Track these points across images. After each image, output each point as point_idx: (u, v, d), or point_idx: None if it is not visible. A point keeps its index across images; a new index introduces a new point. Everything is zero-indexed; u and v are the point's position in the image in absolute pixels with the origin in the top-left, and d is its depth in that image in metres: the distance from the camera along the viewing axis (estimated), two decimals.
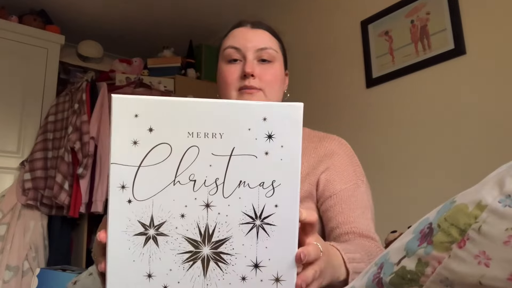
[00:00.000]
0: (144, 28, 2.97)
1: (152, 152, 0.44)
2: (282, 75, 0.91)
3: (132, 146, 0.44)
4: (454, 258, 0.41)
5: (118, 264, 0.44)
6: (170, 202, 0.44)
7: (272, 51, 0.88)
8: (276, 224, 0.45)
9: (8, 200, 2.16)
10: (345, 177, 0.85)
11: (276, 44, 0.92)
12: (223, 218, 0.45)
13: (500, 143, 1.48)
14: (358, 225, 0.79)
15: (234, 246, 0.45)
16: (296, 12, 2.51)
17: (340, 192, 0.83)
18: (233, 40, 0.89)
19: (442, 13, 1.71)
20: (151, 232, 0.44)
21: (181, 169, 0.44)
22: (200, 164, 0.44)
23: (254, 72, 0.84)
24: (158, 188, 0.44)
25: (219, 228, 0.45)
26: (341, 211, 0.81)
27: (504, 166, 0.44)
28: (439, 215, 0.45)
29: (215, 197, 0.45)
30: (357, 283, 0.54)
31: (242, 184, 0.45)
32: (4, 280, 2.00)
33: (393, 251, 0.50)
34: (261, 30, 0.91)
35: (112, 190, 0.44)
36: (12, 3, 2.58)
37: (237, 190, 0.45)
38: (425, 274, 0.43)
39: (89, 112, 2.23)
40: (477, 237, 0.39)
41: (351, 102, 2.06)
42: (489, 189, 0.41)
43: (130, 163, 0.44)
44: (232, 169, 0.45)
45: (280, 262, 0.46)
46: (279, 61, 0.90)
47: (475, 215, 0.40)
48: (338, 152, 0.90)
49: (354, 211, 0.81)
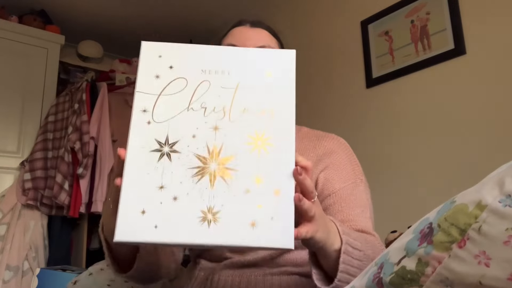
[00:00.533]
0: (144, 28, 2.97)
1: (171, 84, 0.55)
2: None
3: (154, 79, 0.56)
4: (454, 258, 0.41)
5: (134, 176, 0.50)
6: (183, 125, 0.53)
7: (264, 45, 0.89)
8: (274, 144, 0.53)
9: (8, 200, 2.16)
10: (344, 176, 0.86)
11: (275, 43, 0.93)
12: (229, 139, 0.52)
13: (500, 143, 1.48)
14: (357, 223, 0.79)
15: (238, 162, 0.52)
16: (296, 12, 2.51)
17: (339, 190, 0.83)
18: (232, 38, 0.91)
19: (442, 13, 1.71)
20: (166, 149, 0.52)
21: (195, 98, 0.54)
22: (210, 95, 0.54)
23: None
24: (174, 113, 0.53)
25: (225, 147, 0.52)
26: (340, 209, 0.81)
27: (504, 166, 0.44)
28: (439, 215, 0.45)
29: (223, 121, 0.53)
30: (357, 282, 0.54)
31: (246, 111, 0.53)
32: (4, 280, 2.00)
33: (393, 251, 0.50)
34: (260, 29, 0.92)
35: (134, 113, 0.54)
36: (12, 3, 2.58)
37: (242, 116, 0.53)
38: (425, 274, 0.43)
39: (89, 112, 2.23)
40: (477, 237, 0.39)
41: (351, 102, 2.06)
42: (489, 189, 0.41)
43: (152, 92, 0.55)
44: (237, 99, 0.54)
45: (279, 176, 0.52)
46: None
47: (475, 215, 0.40)
48: (337, 151, 0.90)
49: (354, 209, 0.81)
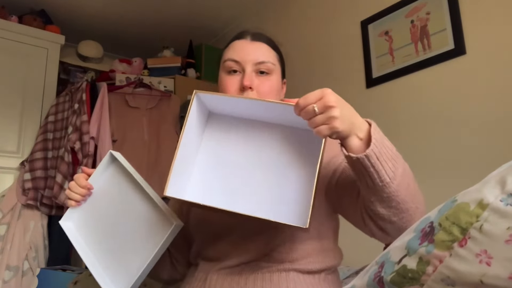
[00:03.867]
0: (144, 28, 2.97)
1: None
2: (278, 86, 0.95)
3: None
4: (456, 256, 0.41)
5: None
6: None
7: (270, 64, 0.92)
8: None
9: (8, 200, 2.16)
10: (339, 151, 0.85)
11: (275, 57, 0.95)
12: None
13: (500, 142, 1.48)
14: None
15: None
16: (296, 12, 2.51)
17: (343, 162, 0.84)
18: (233, 52, 0.93)
19: (442, 13, 1.72)
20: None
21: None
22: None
23: (252, 84, 0.89)
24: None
25: None
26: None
27: (505, 165, 0.44)
28: (440, 214, 0.45)
29: None
30: (358, 282, 0.54)
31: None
32: (4, 280, 2.00)
33: (394, 250, 0.50)
34: (260, 43, 0.94)
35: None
36: (12, 3, 2.58)
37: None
38: (426, 273, 0.43)
39: (89, 112, 2.23)
40: (479, 236, 0.40)
41: (351, 102, 2.04)
42: (491, 188, 0.41)
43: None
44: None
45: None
46: (277, 73, 0.94)
47: (476, 213, 0.40)
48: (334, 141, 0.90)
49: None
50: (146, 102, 2.47)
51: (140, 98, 2.47)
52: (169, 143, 2.43)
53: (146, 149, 2.37)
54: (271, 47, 0.96)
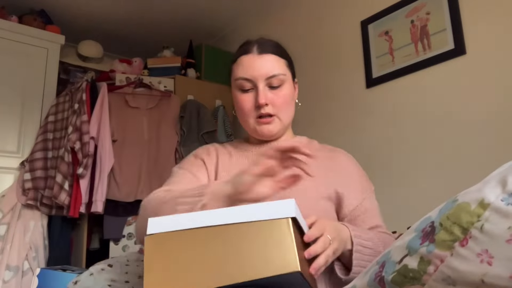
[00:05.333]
0: (144, 28, 2.97)
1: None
2: (292, 93, 0.98)
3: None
4: (457, 256, 0.41)
5: None
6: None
7: (281, 76, 0.93)
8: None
9: (8, 200, 2.16)
10: (363, 187, 0.97)
11: (284, 65, 0.96)
12: None
13: (500, 142, 1.48)
14: (380, 228, 0.94)
15: None
16: (296, 12, 2.51)
17: (362, 202, 0.94)
18: (242, 70, 0.94)
19: (442, 13, 1.72)
20: None
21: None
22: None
23: (266, 101, 0.92)
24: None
25: None
26: (365, 220, 0.93)
27: (506, 165, 0.44)
28: (441, 213, 0.45)
29: None
30: (359, 281, 0.54)
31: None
32: (4, 280, 2.00)
33: (395, 249, 0.50)
34: (268, 55, 0.94)
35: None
36: (12, 3, 2.57)
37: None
38: (427, 272, 0.43)
39: (89, 112, 2.23)
40: (480, 236, 0.40)
41: (351, 102, 2.06)
42: (492, 187, 0.41)
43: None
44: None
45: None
46: (288, 81, 0.96)
47: (477, 213, 0.41)
48: (350, 166, 1.00)
49: (375, 218, 0.95)
50: (146, 102, 2.47)
51: (140, 98, 2.47)
52: (169, 143, 2.43)
53: (146, 149, 2.37)
54: (280, 55, 0.96)
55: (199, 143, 2.45)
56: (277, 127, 0.96)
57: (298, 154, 0.90)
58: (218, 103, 2.78)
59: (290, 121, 1.00)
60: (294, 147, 0.70)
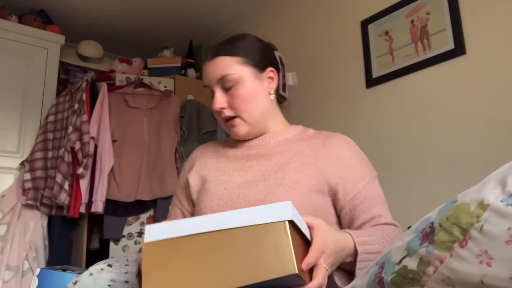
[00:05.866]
0: (144, 28, 2.97)
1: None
2: (253, 89, 0.93)
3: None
4: (456, 257, 0.41)
5: None
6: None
7: (231, 76, 0.91)
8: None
9: (8, 200, 2.16)
10: (361, 174, 0.90)
11: (236, 63, 0.92)
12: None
13: (500, 143, 1.48)
14: (382, 218, 0.87)
15: None
16: (296, 12, 2.51)
17: (362, 189, 0.88)
18: (203, 78, 0.98)
19: (442, 13, 1.72)
20: None
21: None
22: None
23: (222, 105, 0.92)
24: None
25: None
26: (366, 209, 0.87)
27: (506, 166, 0.44)
28: (441, 214, 0.45)
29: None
30: (358, 282, 0.54)
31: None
32: (4, 280, 2.00)
33: (394, 250, 0.50)
34: (218, 58, 0.93)
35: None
36: (12, 3, 2.57)
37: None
38: (426, 273, 0.43)
39: (89, 112, 2.23)
40: (479, 237, 0.40)
41: (351, 102, 2.06)
42: (491, 188, 0.41)
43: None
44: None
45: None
46: (245, 78, 0.92)
47: (477, 214, 0.40)
48: (348, 151, 0.92)
49: (377, 207, 0.88)
50: (146, 102, 2.47)
51: (140, 98, 2.47)
52: (169, 143, 2.43)
53: (146, 149, 2.37)
54: (231, 54, 0.93)
55: (199, 143, 2.45)
56: (244, 128, 0.93)
57: (293, 144, 0.93)
58: None
59: (259, 117, 0.94)
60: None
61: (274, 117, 0.99)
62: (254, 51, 0.96)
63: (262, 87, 0.95)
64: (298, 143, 0.94)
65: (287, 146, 0.94)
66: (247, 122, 0.93)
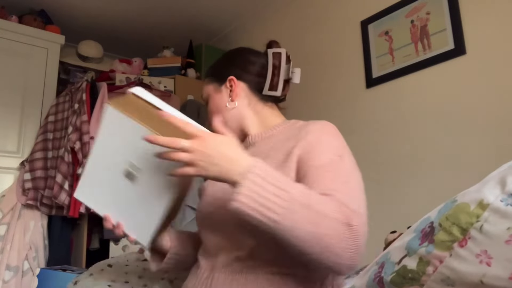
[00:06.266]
0: (144, 28, 2.97)
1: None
2: (215, 105, 1.01)
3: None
4: (456, 257, 0.41)
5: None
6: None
7: (204, 95, 1.05)
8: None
9: (8, 200, 2.16)
10: (326, 149, 0.81)
11: (205, 84, 1.04)
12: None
13: (500, 142, 1.48)
14: (337, 193, 0.71)
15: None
16: (296, 12, 2.51)
17: (320, 162, 0.78)
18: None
19: (442, 13, 1.72)
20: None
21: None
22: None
23: (208, 121, 1.00)
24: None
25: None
26: (316, 180, 0.75)
27: (505, 166, 0.44)
28: (441, 214, 0.45)
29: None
30: (358, 282, 0.54)
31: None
32: (4, 280, 2.00)
33: (394, 250, 0.50)
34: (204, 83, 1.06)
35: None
36: (12, 3, 2.58)
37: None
38: (426, 273, 0.43)
39: (89, 112, 2.23)
40: (479, 236, 0.40)
41: (351, 102, 2.06)
42: (491, 188, 0.41)
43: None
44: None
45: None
46: (210, 96, 1.03)
47: (477, 214, 0.40)
48: (317, 130, 0.86)
49: (335, 180, 0.75)
50: None
51: None
52: None
53: None
54: (208, 75, 1.05)
55: None
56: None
57: (272, 139, 0.95)
58: None
59: (231, 125, 0.97)
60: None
61: (249, 120, 0.98)
62: (215, 67, 1.05)
63: (223, 98, 1.00)
64: (284, 142, 0.89)
65: (271, 144, 0.92)
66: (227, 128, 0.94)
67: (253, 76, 0.99)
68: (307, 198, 0.66)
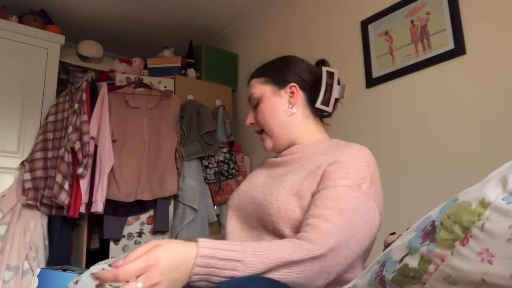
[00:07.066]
0: (144, 28, 2.97)
1: None
2: (272, 106, 1.00)
3: None
4: (457, 255, 0.41)
5: None
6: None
7: (254, 95, 1.02)
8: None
9: (8, 200, 2.16)
10: (347, 176, 0.82)
11: (258, 83, 1.03)
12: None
13: (500, 142, 1.48)
14: (316, 221, 0.74)
15: None
16: (296, 12, 2.51)
17: (335, 185, 0.80)
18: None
19: (442, 13, 1.72)
20: None
21: None
22: None
23: (250, 121, 1.04)
24: None
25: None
26: (314, 206, 0.78)
27: (507, 164, 0.44)
28: (442, 212, 0.45)
29: None
30: (359, 281, 0.54)
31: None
32: (4, 280, 2.00)
33: (395, 249, 0.50)
34: (250, 81, 1.06)
35: None
36: (12, 3, 2.58)
37: None
38: (428, 271, 0.43)
39: (89, 112, 2.23)
40: (480, 235, 0.40)
41: (351, 102, 2.06)
42: (492, 186, 0.41)
43: None
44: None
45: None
46: (265, 96, 1.01)
47: (478, 212, 0.41)
48: (355, 155, 0.87)
49: (332, 208, 0.76)
50: (146, 102, 2.47)
51: (140, 98, 2.47)
52: (169, 143, 2.43)
53: (146, 149, 2.37)
54: (257, 76, 1.04)
55: (199, 143, 2.45)
56: (268, 141, 1.02)
57: (315, 155, 0.94)
58: (218, 103, 2.79)
59: (280, 130, 0.99)
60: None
61: (300, 130, 1.01)
62: (275, 70, 1.04)
63: (281, 102, 1.00)
64: (321, 155, 0.91)
65: (309, 157, 0.94)
66: (270, 135, 1.01)
67: (310, 87, 1.03)
68: (261, 255, 0.66)
